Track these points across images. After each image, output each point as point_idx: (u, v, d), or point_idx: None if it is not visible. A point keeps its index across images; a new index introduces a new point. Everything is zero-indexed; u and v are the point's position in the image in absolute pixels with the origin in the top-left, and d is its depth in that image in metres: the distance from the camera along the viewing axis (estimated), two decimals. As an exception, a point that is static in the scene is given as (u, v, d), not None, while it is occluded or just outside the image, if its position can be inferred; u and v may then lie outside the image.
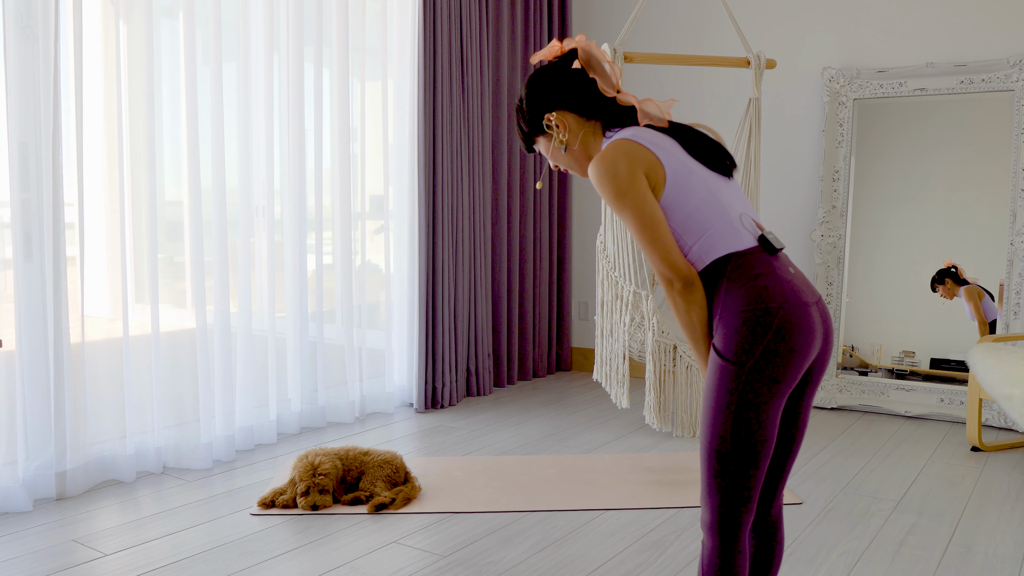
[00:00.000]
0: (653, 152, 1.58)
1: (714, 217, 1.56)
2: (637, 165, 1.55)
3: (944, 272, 4.09)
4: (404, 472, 2.99)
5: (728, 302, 1.52)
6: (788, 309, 1.49)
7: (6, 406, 2.84)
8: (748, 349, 1.48)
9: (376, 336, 4.27)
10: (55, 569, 2.36)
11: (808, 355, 1.51)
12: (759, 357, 1.48)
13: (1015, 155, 3.95)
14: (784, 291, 1.50)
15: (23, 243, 2.82)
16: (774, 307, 1.49)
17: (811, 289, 1.58)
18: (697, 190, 1.57)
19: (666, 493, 2.99)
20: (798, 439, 1.63)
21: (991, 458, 3.45)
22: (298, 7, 3.66)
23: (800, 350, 1.49)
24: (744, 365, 1.48)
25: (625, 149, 1.57)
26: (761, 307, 1.49)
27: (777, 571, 1.70)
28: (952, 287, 4.08)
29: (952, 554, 2.49)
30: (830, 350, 1.60)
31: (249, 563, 2.41)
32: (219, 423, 3.41)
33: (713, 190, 1.59)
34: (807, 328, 1.50)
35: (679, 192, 1.56)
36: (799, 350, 1.49)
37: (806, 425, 1.63)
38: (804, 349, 1.50)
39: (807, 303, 1.51)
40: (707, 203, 1.57)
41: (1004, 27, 4.06)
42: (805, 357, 1.50)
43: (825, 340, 1.57)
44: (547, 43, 4.92)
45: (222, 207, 3.41)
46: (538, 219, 4.95)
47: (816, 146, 4.52)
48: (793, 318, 1.49)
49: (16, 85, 2.78)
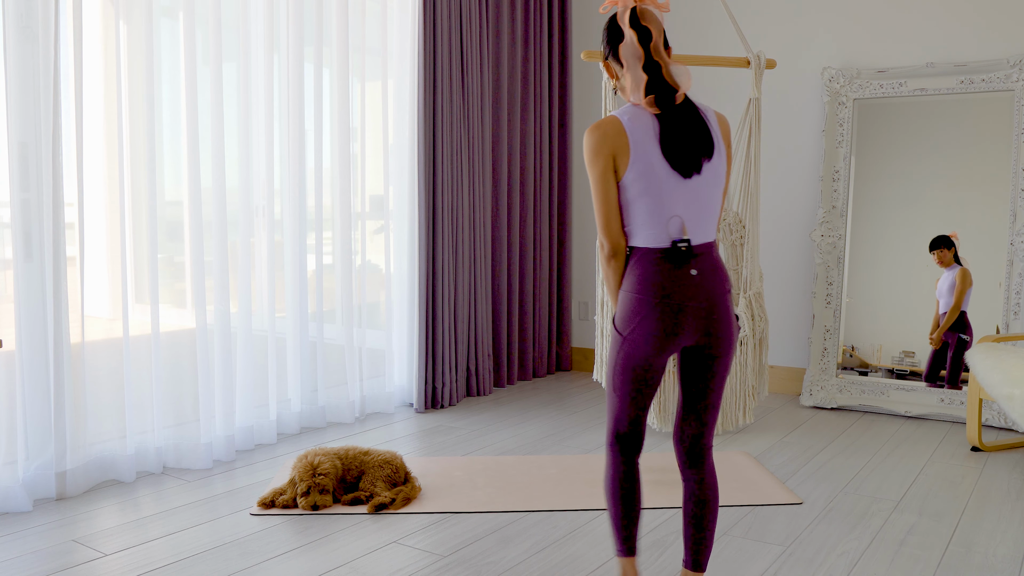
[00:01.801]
0: (628, 141, 1.87)
1: (646, 212, 1.88)
2: (607, 146, 1.87)
3: (946, 239, 4.09)
4: (404, 472, 2.99)
5: (625, 281, 1.93)
6: (647, 303, 1.88)
7: (6, 406, 2.84)
8: (623, 323, 1.92)
9: (376, 336, 4.27)
10: (55, 569, 2.36)
11: (660, 340, 1.89)
12: (629, 332, 1.90)
13: (1015, 155, 3.95)
14: (651, 289, 1.88)
15: (23, 243, 2.83)
16: (639, 298, 1.89)
17: (693, 294, 1.89)
18: (647, 186, 1.87)
19: (666, 493, 2.99)
20: (703, 404, 1.99)
21: (991, 458, 3.45)
22: (298, 7, 3.66)
23: (650, 337, 1.88)
24: (620, 333, 1.92)
25: (607, 129, 1.88)
26: (633, 295, 1.90)
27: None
28: (947, 256, 4.09)
29: (952, 554, 2.49)
30: (711, 340, 1.93)
31: (249, 563, 2.41)
32: (219, 423, 3.42)
33: (661, 189, 1.87)
34: (654, 323, 1.88)
35: (633, 181, 1.87)
36: (649, 336, 1.88)
37: (712, 394, 1.99)
38: (652, 338, 1.88)
39: (654, 303, 1.88)
40: (648, 198, 1.87)
41: (1004, 27, 4.06)
42: (656, 341, 1.89)
43: (703, 332, 1.91)
44: (547, 43, 4.93)
45: (222, 207, 3.41)
46: (538, 219, 4.95)
47: (816, 146, 4.52)
48: (646, 309, 1.89)
49: (16, 85, 2.78)
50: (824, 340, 4.35)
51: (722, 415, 3.78)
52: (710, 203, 1.92)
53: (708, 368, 1.96)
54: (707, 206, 1.92)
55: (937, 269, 4.14)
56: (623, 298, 1.92)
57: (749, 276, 3.85)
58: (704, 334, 1.92)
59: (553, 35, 5.00)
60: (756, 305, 3.82)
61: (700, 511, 2.02)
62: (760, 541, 2.58)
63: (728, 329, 1.95)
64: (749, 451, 3.55)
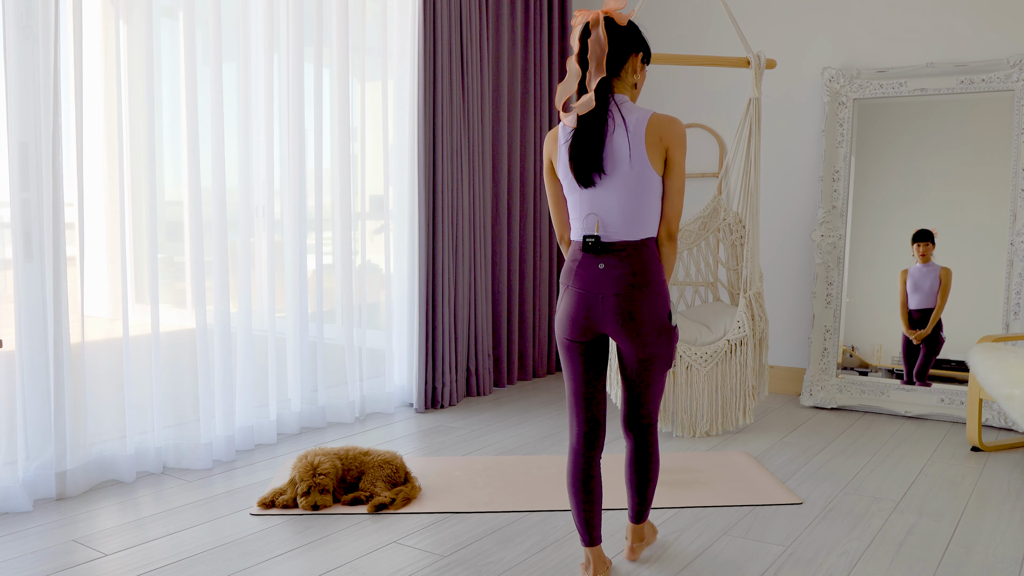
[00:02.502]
0: (557, 148, 2.25)
1: (571, 209, 2.24)
2: (546, 150, 2.30)
3: (930, 233, 4.11)
4: (404, 472, 2.99)
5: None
6: (565, 288, 2.23)
7: (6, 406, 2.84)
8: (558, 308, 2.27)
9: (376, 336, 4.27)
10: (55, 569, 2.36)
11: (571, 322, 2.20)
12: (557, 313, 2.26)
13: (1015, 155, 3.95)
14: (569, 277, 2.21)
15: (23, 243, 2.83)
16: (562, 282, 2.25)
17: (596, 282, 2.17)
18: (567, 187, 2.23)
19: (666, 493, 2.99)
20: (632, 383, 2.28)
21: (991, 458, 3.45)
22: (298, 7, 3.66)
23: (564, 318, 2.22)
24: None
25: (551, 135, 2.31)
26: (561, 280, 2.26)
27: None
28: (930, 251, 4.11)
29: (952, 554, 2.49)
30: (623, 330, 2.17)
31: (249, 563, 2.41)
32: (219, 423, 3.42)
33: (574, 191, 2.21)
34: (566, 304, 2.22)
35: (561, 181, 2.25)
36: (564, 317, 2.22)
37: (637, 375, 2.25)
38: (566, 318, 2.21)
39: (571, 288, 2.21)
40: (570, 197, 2.23)
41: (1004, 27, 4.06)
42: (569, 323, 2.21)
43: (614, 321, 2.16)
44: (547, 43, 4.93)
45: (222, 207, 3.41)
46: (538, 219, 4.95)
47: (816, 146, 4.52)
48: (563, 294, 2.24)
49: (16, 85, 2.78)
50: (824, 340, 4.35)
51: (722, 415, 3.79)
52: (626, 206, 2.13)
53: (629, 355, 2.22)
54: (622, 209, 2.13)
55: (908, 261, 4.18)
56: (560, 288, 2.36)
57: (749, 276, 3.85)
58: (615, 323, 2.16)
59: (553, 35, 5.00)
60: (756, 305, 3.82)
61: (637, 469, 2.38)
62: (760, 541, 2.58)
63: (635, 322, 2.15)
64: (749, 451, 3.55)
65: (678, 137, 2.13)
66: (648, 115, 2.13)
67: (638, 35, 2.21)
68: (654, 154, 2.12)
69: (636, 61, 2.20)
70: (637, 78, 2.22)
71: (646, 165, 2.11)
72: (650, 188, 2.13)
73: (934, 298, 4.12)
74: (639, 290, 2.13)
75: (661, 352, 2.20)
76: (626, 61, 2.18)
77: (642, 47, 2.23)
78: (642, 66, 2.23)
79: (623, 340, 2.18)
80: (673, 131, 2.13)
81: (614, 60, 2.16)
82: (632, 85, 2.22)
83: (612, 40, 2.15)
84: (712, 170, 4.85)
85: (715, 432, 3.79)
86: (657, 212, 2.17)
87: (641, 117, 2.13)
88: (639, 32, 2.22)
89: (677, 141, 2.13)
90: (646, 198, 2.14)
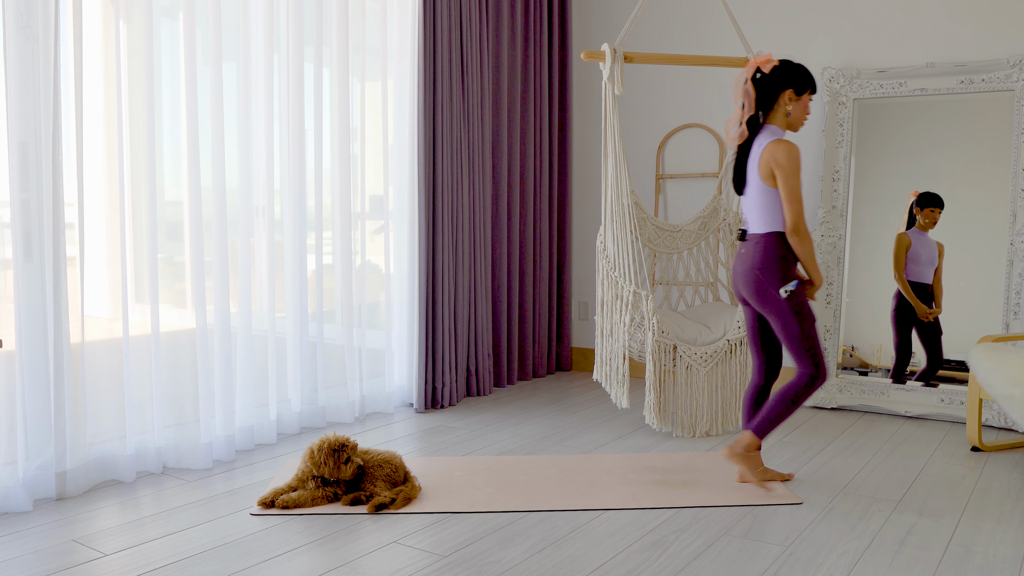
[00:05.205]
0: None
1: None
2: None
3: (940, 199, 3.90)
4: (404, 472, 2.99)
5: None
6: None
7: (6, 406, 2.84)
8: None
9: (376, 336, 4.27)
10: (55, 569, 2.36)
11: (737, 292, 3.08)
12: None
13: (1015, 155, 3.95)
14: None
15: (23, 243, 2.82)
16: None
17: (739, 256, 3.04)
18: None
19: (666, 493, 2.99)
20: (777, 339, 3.10)
21: (991, 458, 3.45)
22: (298, 7, 3.66)
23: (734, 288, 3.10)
24: None
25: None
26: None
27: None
28: (936, 218, 3.88)
29: (952, 554, 2.49)
30: (744, 292, 3.03)
31: (249, 563, 2.41)
32: (219, 423, 3.41)
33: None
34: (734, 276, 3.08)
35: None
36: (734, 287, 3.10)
37: (778, 333, 2.97)
38: (735, 288, 3.08)
39: (734, 267, 3.07)
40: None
41: (1004, 27, 4.06)
42: (737, 293, 3.09)
43: (739, 286, 3.04)
44: (547, 43, 4.94)
45: (222, 207, 3.40)
46: (538, 219, 4.95)
47: (816, 146, 4.52)
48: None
49: (16, 85, 2.77)
50: (824, 340, 4.35)
51: (721, 415, 3.79)
52: (752, 210, 2.97)
53: (761, 316, 3.09)
54: (750, 212, 2.98)
55: (895, 229, 4.03)
56: None
57: (749, 276, 3.85)
58: (746, 292, 3.00)
59: (553, 35, 5.00)
60: (756, 305, 3.82)
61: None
62: (760, 541, 2.58)
63: (751, 293, 2.96)
64: (749, 451, 3.55)
65: (776, 158, 2.82)
66: (765, 143, 2.86)
67: (786, 75, 2.88)
68: (764, 172, 2.87)
69: (785, 96, 2.89)
70: (789, 108, 2.90)
71: (758, 181, 2.90)
72: (760, 196, 2.91)
73: (930, 272, 3.98)
74: (752, 271, 2.94)
75: (769, 314, 2.94)
76: (777, 98, 2.90)
77: (792, 83, 2.88)
78: (797, 98, 2.90)
79: (752, 307, 3.07)
80: (774, 154, 2.83)
81: (764, 99, 2.90)
82: (784, 115, 2.91)
83: (760, 84, 2.89)
84: (712, 170, 4.85)
85: (715, 432, 3.79)
86: (770, 215, 2.90)
87: (762, 144, 2.88)
88: (789, 72, 2.88)
89: (776, 162, 2.82)
90: (761, 203, 2.92)
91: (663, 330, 3.67)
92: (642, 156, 5.05)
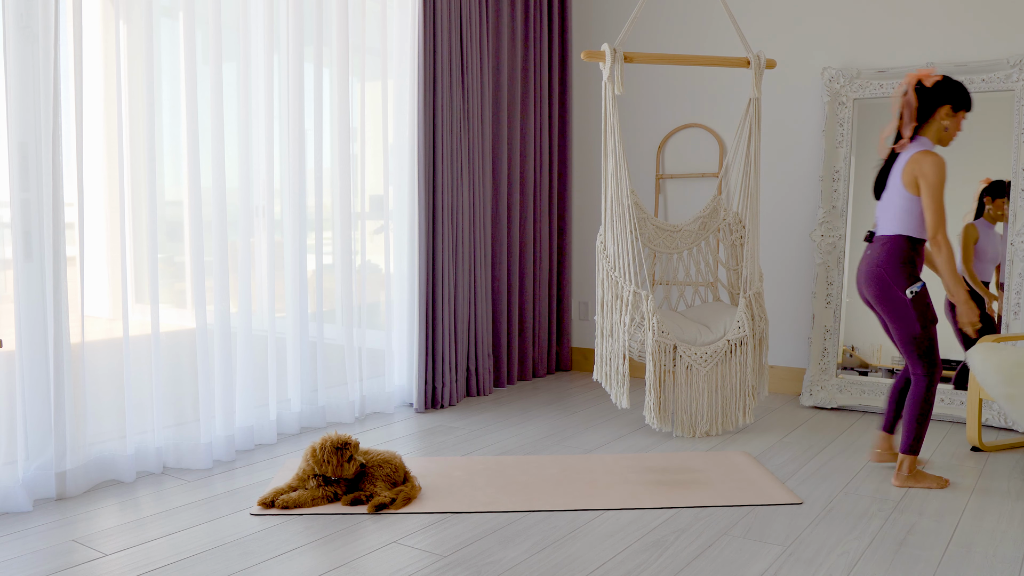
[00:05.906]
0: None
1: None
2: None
3: (1006, 188, 3.47)
4: (404, 472, 2.99)
5: None
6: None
7: (6, 406, 2.84)
8: None
9: (376, 336, 4.27)
10: (55, 569, 2.36)
11: (861, 293, 3.19)
12: None
13: (1015, 155, 3.95)
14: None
15: (23, 243, 2.82)
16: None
17: (865, 257, 3.14)
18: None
19: (666, 493, 2.99)
20: (892, 335, 3.15)
21: (991, 458, 3.45)
22: (298, 7, 3.66)
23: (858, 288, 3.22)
24: None
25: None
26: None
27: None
28: (1003, 206, 3.48)
29: (952, 554, 2.49)
30: (867, 292, 3.13)
31: (249, 563, 2.41)
32: (219, 423, 3.41)
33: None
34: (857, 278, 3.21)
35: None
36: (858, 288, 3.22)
37: (891, 330, 3.10)
38: (859, 289, 3.20)
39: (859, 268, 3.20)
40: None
41: (1004, 28, 4.06)
42: (861, 294, 3.20)
43: (863, 286, 3.14)
44: (547, 43, 4.94)
45: (222, 207, 3.41)
46: (538, 219, 4.95)
47: (816, 146, 4.53)
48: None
49: (16, 85, 2.77)
50: (824, 340, 4.35)
51: (722, 415, 3.79)
52: (886, 212, 3.07)
53: (881, 316, 3.16)
54: (883, 215, 3.09)
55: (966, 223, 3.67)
56: None
57: (749, 276, 3.85)
58: (869, 292, 3.10)
59: (553, 35, 5.00)
60: (756, 305, 3.82)
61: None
62: (760, 541, 2.58)
63: (875, 293, 3.07)
64: (749, 451, 3.55)
65: (923, 169, 2.92)
66: (914, 152, 2.97)
67: (946, 90, 2.97)
68: (908, 180, 2.98)
69: (943, 111, 2.98)
70: (946, 123, 2.99)
71: (897, 189, 3.02)
72: (893, 201, 3.03)
73: (991, 270, 3.65)
74: (875, 271, 3.06)
75: (890, 314, 3.03)
76: (934, 112, 2.99)
77: (950, 100, 2.97)
78: (953, 114, 2.99)
79: (875, 307, 3.15)
80: (921, 164, 2.93)
81: (923, 112, 3.00)
82: (940, 129, 3.01)
83: (921, 97, 2.98)
84: (712, 170, 4.85)
85: (715, 432, 3.79)
86: (903, 219, 2.99)
87: (910, 153, 2.99)
88: (949, 88, 2.97)
89: (922, 172, 2.92)
90: (892, 209, 3.04)
91: (663, 330, 3.67)
92: (642, 156, 5.05)
